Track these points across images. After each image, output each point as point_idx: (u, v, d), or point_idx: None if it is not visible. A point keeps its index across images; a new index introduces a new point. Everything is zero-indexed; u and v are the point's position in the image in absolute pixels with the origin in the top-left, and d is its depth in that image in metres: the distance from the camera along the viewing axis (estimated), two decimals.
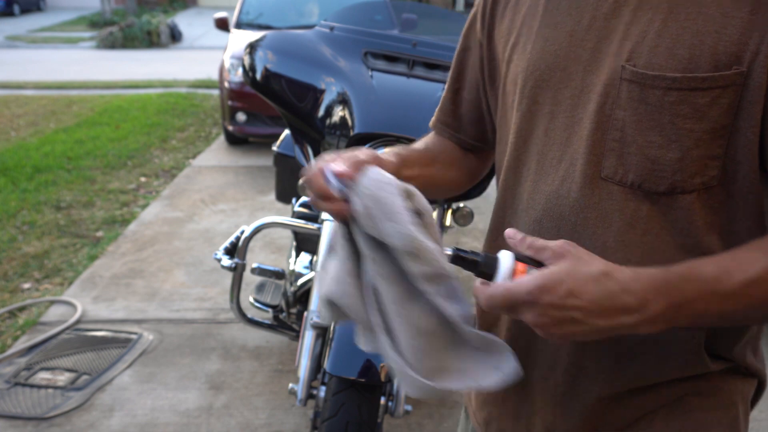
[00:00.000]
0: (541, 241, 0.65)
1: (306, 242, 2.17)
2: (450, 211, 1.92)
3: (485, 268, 0.65)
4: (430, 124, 0.99)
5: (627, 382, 0.74)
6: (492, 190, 4.90)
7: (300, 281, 2.03)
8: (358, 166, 0.70)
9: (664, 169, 0.66)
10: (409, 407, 1.62)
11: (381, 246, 0.68)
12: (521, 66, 0.78)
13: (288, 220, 1.97)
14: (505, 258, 0.65)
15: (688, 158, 0.65)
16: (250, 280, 2.98)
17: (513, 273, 0.64)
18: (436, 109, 0.98)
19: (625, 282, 0.61)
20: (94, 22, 16.92)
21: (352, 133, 1.53)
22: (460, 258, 0.67)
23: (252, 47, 1.77)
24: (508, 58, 0.82)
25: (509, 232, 0.68)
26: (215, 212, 4.12)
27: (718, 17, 0.63)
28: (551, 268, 0.62)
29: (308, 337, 1.64)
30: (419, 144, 0.95)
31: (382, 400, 1.58)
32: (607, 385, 0.75)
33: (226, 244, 2.04)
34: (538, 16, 0.77)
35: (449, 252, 0.67)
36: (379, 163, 0.73)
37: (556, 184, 0.73)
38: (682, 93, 0.64)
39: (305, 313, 1.69)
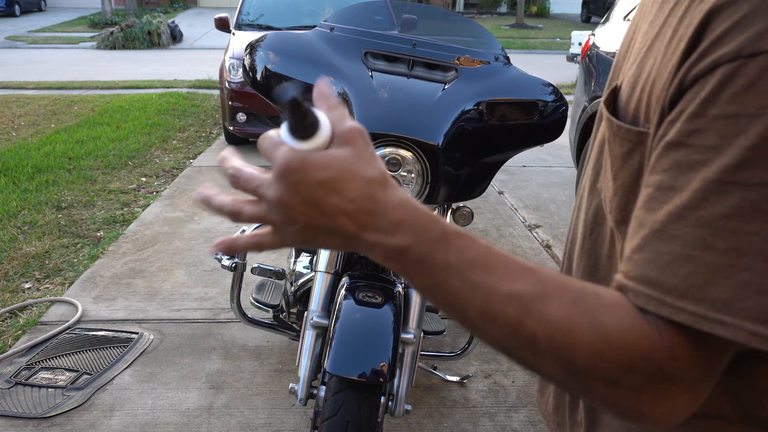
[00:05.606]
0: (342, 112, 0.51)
1: None
2: (450, 211, 1.92)
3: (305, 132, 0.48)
4: None
5: None
6: (491, 189, 4.86)
7: (300, 281, 2.03)
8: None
9: None
10: (409, 407, 1.63)
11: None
12: None
13: None
14: (324, 120, 0.49)
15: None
16: (250, 280, 2.99)
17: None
18: None
19: (391, 203, 0.49)
20: (95, 23, 16.97)
21: None
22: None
23: (252, 47, 1.77)
24: None
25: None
26: None
27: None
28: (331, 152, 0.48)
29: (308, 337, 1.64)
30: None
31: (382, 400, 1.59)
32: None
33: None
34: None
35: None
36: None
37: None
38: None
39: (305, 313, 1.69)
